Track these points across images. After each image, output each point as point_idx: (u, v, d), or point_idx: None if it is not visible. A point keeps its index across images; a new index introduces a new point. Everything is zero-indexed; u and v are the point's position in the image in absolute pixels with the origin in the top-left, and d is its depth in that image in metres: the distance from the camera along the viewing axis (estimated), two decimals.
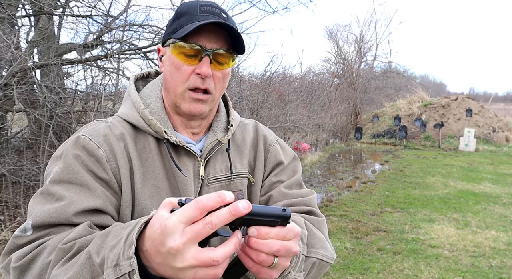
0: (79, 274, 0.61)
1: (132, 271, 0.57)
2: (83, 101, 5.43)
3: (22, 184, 4.35)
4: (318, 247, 0.84)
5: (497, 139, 13.55)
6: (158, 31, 5.56)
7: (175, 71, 0.86)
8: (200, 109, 0.88)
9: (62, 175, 0.78)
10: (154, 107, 0.92)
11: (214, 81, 0.87)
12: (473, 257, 4.15)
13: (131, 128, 0.90)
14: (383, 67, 20.58)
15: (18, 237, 0.73)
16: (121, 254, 0.58)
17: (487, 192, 7.05)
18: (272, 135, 1.08)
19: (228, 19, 0.86)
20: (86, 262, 0.62)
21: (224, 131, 0.97)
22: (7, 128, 5.11)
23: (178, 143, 0.87)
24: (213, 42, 0.84)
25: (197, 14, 0.84)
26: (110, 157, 0.83)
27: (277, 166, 1.02)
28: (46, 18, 5.33)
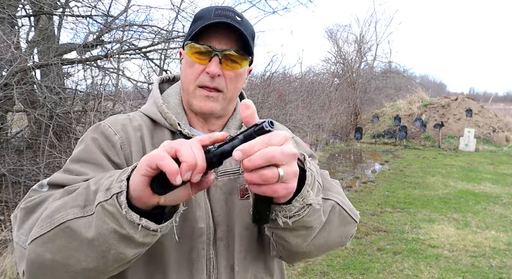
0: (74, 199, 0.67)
1: (120, 193, 0.61)
2: (83, 101, 5.44)
3: (22, 184, 4.35)
4: (335, 192, 0.84)
5: (497, 139, 13.55)
6: (158, 31, 5.56)
7: (188, 70, 0.91)
8: (210, 107, 0.91)
9: (80, 155, 0.86)
10: (172, 103, 0.97)
11: (225, 80, 0.90)
12: (473, 257, 4.15)
13: (150, 122, 0.95)
14: (383, 67, 20.60)
15: (34, 190, 0.81)
16: (115, 179, 0.63)
17: (487, 192, 7.05)
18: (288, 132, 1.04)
19: (242, 22, 0.88)
20: (83, 191, 0.68)
21: (238, 128, 0.99)
22: (7, 128, 5.11)
23: (190, 135, 0.91)
24: (223, 43, 0.87)
25: (211, 17, 0.87)
26: (125, 144, 0.89)
27: None
28: (46, 18, 5.33)
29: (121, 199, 0.60)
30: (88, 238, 0.64)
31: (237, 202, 0.92)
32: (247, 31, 0.89)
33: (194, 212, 0.88)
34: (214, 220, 0.89)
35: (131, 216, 0.60)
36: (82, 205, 0.66)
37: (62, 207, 0.67)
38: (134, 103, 5.86)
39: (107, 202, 0.62)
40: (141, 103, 6.08)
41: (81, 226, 0.64)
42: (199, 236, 0.87)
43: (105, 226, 0.62)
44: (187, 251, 0.86)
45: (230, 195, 0.92)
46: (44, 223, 0.67)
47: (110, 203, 0.61)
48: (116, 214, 0.61)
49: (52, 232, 0.66)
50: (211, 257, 0.88)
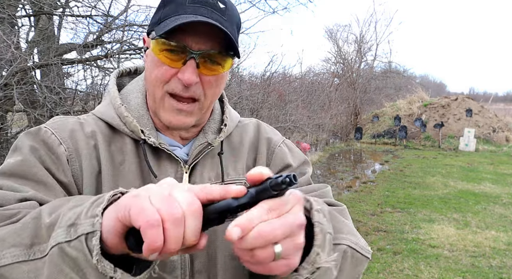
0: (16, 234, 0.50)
1: (91, 233, 0.44)
2: (83, 101, 5.44)
3: None
4: (346, 232, 0.68)
5: (497, 139, 13.55)
6: None
7: (154, 70, 0.71)
8: (183, 122, 0.73)
9: (14, 168, 0.66)
10: (134, 103, 0.78)
11: (203, 86, 0.72)
12: (473, 257, 4.15)
13: (107, 128, 0.76)
14: (383, 67, 20.62)
15: None
16: (84, 212, 0.46)
17: (487, 192, 7.05)
18: (278, 136, 0.92)
19: (227, 10, 0.70)
20: (30, 221, 0.51)
21: (217, 132, 0.83)
22: (7, 128, 5.11)
23: (157, 144, 0.73)
24: (202, 42, 0.68)
25: (186, 4, 0.68)
26: (73, 156, 0.70)
27: (284, 169, 0.87)
28: (46, 18, 5.33)
29: (92, 242, 0.44)
30: None
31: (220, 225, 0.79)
32: (232, 21, 0.71)
33: None
34: None
35: (103, 266, 0.44)
36: (28, 244, 0.49)
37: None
38: None
39: (70, 244, 0.45)
40: None
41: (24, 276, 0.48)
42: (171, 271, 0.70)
43: (60, 276, 0.46)
44: None
45: None
46: None
47: (74, 245, 0.45)
48: (81, 261, 0.45)
49: None
50: None
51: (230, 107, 0.90)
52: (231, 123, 0.85)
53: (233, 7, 0.73)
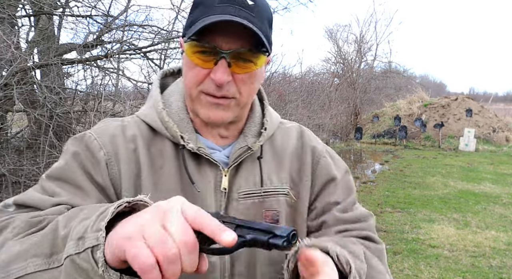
0: (36, 245, 0.54)
1: (96, 246, 0.47)
2: (83, 101, 5.44)
3: (22, 184, 4.35)
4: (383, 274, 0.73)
5: (497, 139, 13.55)
6: (158, 31, 5.56)
7: (189, 71, 0.73)
8: (221, 116, 0.74)
9: (58, 172, 0.73)
10: (174, 106, 0.80)
11: (236, 84, 0.72)
12: (473, 257, 4.15)
13: (148, 130, 0.79)
14: (383, 67, 20.61)
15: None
16: (90, 226, 0.49)
17: (487, 192, 7.05)
18: (321, 144, 0.90)
19: (256, 7, 0.69)
20: (49, 232, 0.54)
21: (257, 135, 0.82)
22: (7, 128, 5.11)
23: (195, 150, 0.75)
24: (232, 41, 0.68)
25: (214, 5, 0.68)
26: (111, 161, 0.73)
27: (329, 182, 0.86)
28: (46, 18, 5.33)
29: (97, 255, 0.47)
30: None
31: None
32: (262, 17, 0.70)
33: None
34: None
35: (109, 275, 0.47)
36: (47, 253, 0.53)
37: (22, 253, 0.54)
38: (134, 103, 5.86)
39: (79, 255, 0.49)
40: (141, 103, 6.08)
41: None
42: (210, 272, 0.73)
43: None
44: None
45: None
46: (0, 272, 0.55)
47: (82, 257, 0.48)
48: (90, 271, 0.48)
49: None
50: None
51: (270, 108, 0.89)
52: (271, 126, 0.85)
53: (263, 2, 0.72)
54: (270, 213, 0.79)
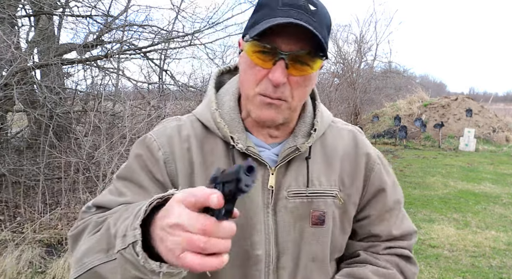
0: (97, 243, 0.65)
1: (135, 242, 0.55)
2: (83, 101, 5.44)
3: (22, 184, 4.35)
4: None
5: (497, 139, 13.55)
6: (158, 31, 5.56)
7: (248, 71, 0.75)
8: (272, 116, 0.76)
9: (124, 172, 0.82)
10: (226, 106, 0.84)
11: (291, 87, 0.74)
12: (473, 257, 4.15)
13: (202, 129, 0.84)
14: (383, 67, 20.57)
15: (84, 212, 0.80)
16: (129, 225, 0.58)
17: (487, 192, 7.05)
18: (373, 149, 0.92)
19: (317, 12, 0.71)
20: (105, 232, 0.65)
21: (306, 136, 0.84)
22: (7, 128, 5.11)
23: (244, 150, 0.78)
24: (292, 43, 0.70)
25: (277, 7, 0.70)
26: (169, 159, 0.80)
27: (380, 192, 0.89)
28: (46, 18, 5.33)
29: (136, 249, 0.56)
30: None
31: (307, 229, 0.81)
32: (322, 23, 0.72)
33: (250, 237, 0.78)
34: (279, 247, 0.80)
35: (150, 265, 0.55)
36: (105, 249, 0.64)
37: (89, 251, 0.66)
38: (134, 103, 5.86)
39: (125, 250, 0.58)
40: (141, 103, 6.09)
41: (108, 272, 0.63)
42: (255, 264, 0.78)
43: (128, 273, 0.59)
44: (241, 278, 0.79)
45: (301, 220, 0.81)
46: (77, 266, 0.67)
47: (128, 251, 0.57)
48: (135, 262, 0.56)
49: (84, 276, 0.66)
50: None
51: (323, 108, 0.91)
52: (321, 126, 0.86)
53: (324, 9, 0.75)
54: (317, 213, 0.82)
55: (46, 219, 4.07)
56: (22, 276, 3.16)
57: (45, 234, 3.85)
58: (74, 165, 4.55)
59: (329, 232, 0.84)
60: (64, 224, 4.12)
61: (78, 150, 4.29)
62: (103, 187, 4.10)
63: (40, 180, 4.27)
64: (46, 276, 3.20)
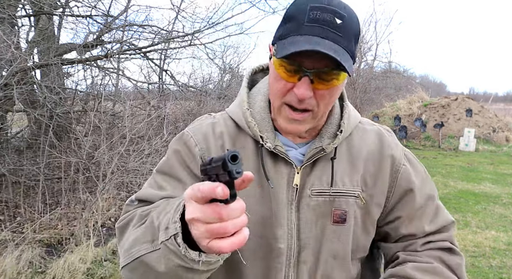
0: (143, 234, 0.71)
1: (176, 234, 0.62)
2: (83, 101, 5.44)
3: (22, 184, 4.35)
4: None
5: (497, 139, 13.55)
6: (158, 31, 5.56)
7: (275, 83, 0.79)
8: (298, 129, 0.81)
9: (163, 167, 0.88)
10: (257, 106, 0.88)
11: (316, 99, 0.77)
12: (473, 257, 4.15)
13: (234, 127, 0.89)
14: (383, 67, 20.57)
15: (128, 205, 0.86)
16: (171, 218, 0.64)
17: (487, 192, 7.05)
18: (399, 150, 0.92)
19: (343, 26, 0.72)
20: (149, 225, 0.71)
21: (332, 137, 0.86)
22: (7, 128, 5.11)
23: (272, 149, 0.82)
24: (316, 61, 0.72)
25: (304, 24, 0.71)
26: (205, 155, 0.85)
27: (408, 192, 0.89)
28: (46, 18, 5.33)
29: (178, 240, 0.62)
30: (160, 271, 0.68)
31: (329, 226, 0.84)
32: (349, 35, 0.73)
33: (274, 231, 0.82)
34: (300, 242, 0.83)
35: (190, 254, 0.61)
36: (150, 240, 0.69)
37: (137, 241, 0.72)
38: (134, 103, 5.86)
39: (168, 241, 0.64)
40: (141, 103, 6.09)
41: (153, 261, 0.68)
42: (277, 257, 0.82)
43: (171, 262, 0.65)
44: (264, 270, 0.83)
45: (322, 217, 0.84)
46: (126, 255, 0.73)
47: (170, 242, 0.63)
48: (177, 252, 0.63)
49: (132, 264, 0.72)
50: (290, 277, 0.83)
51: (351, 108, 0.93)
52: (348, 127, 0.88)
53: (352, 19, 0.74)
54: (339, 212, 0.84)
55: (46, 219, 4.07)
56: (22, 276, 3.16)
57: (45, 234, 3.85)
58: (74, 165, 4.55)
59: (350, 231, 0.86)
60: (64, 224, 4.12)
61: (78, 150, 4.29)
62: (103, 187, 4.10)
63: (40, 180, 4.27)
64: (46, 276, 3.20)
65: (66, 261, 3.32)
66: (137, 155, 4.57)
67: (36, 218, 4.08)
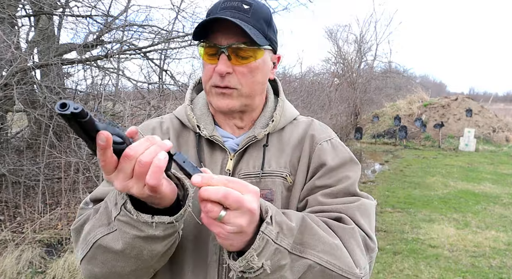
0: (99, 220, 0.74)
1: (125, 202, 0.66)
2: (83, 101, 5.44)
3: (22, 184, 4.35)
4: (319, 250, 0.72)
5: (497, 139, 13.55)
6: (158, 31, 5.56)
7: (204, 71, 0.89)
8: (227, 104, 0.87)
9: None
10: (199, 104, 0.97)
11: (237, 77, 0.85)
12: (473, 257, 4.15)
13: (179, 124, 0.97)
14: (383, 67, 20.58)
15: (82, 208, 0.88)
16: (118, 193, 0.68)
17: (487, 192, 7.05)
18: (324, 134, 0.96)
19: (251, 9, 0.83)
20: (103, 210, 0.74)
21: (264, 127, 0.93)
22: (7, 128, 5.11)
23: (208, 136, 0.90)
24: (229, 37, 0.82)
25: (217, 12, 0.83)
26: None
27: (320, 167, 0.90)
28: (46, 18, 5.33)
29: (128, 207, 0.65)
30: (119, 249, 0.70)
31: None
32: (257, 17, 0.84)
33: None
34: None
35: (142, 217, 0.65)
36: (106, 223, 0.72)
37: (92, 228, 0.75)
38: (134, 103, 5.86)
39: (120, 214, 0.67)
40: (141, 103, 6.09)
41: (110, 241, 0.71)
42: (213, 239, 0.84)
43: (127, 235, 0.67)
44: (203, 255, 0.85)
45: None
46: (83, 245, 0.76)
47: (122, 214, 0.66)
48: (130, 221, 0.66)
49: (90, 252, 0.74)
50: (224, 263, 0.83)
51: (288, 105, 1.00)
52: (281, 119, 0.95)
53: (260, 6, 0.86)
54: (265, 192, 0.88)
55: (46, 219, 4.07)
56: (22, 276, 3.16)
57: (45, 234, 3.85)
58: (74, 165, 4.55)
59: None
60: (64, 224, 4.12)
61: (78, 150, 4.28)
62: None
63: (40, 180, 4.28)
64: (46, 276, 3.20)
65: (66, 261, 3.32)
66: None
67: (36, 218, 4.08)
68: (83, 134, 0.54)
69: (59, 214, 4.20)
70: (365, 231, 0.85)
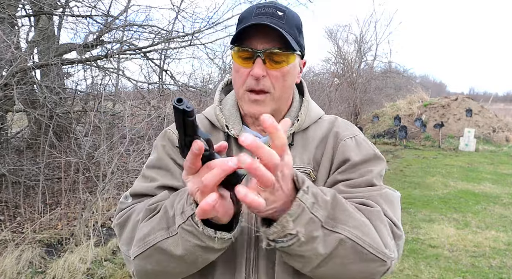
0: (158, 224, 0.78)
1: (193, 214, 0.69)
2: (83, 101, 5.44)
3: (22, 184, 4.35)
4: (350, 226, 0.73)
5: (497, 139, 13.55)
6: (158, 31, 5.57)
7: (236, 75, 0.91)
8: (259, 110, 0.90)
9: (152, 161, 0.98)
10: (228, 104, 1.01)
11: (271, 80, 0.88)
12: (473, 257, 4.15)
13: (209, 125, 1.00)
14: (383, 67, 20.58)
15: (121, 203, 0.93)
16: (185, 202, 0.72)
17: (487, 192, 7.05)
18: (348, 131, 0.98)
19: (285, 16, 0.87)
20: (163, 215, 0.78)
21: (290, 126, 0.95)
22: (7, 128, 5.11)
23: (236, 135, 0.94)
24: (265, 42, 0.86)
25: (251, 18, 0.87)
26: None
27: (343, 162, 0.92)
28: (46, 18, 5.33)
29: (195, 219, 0.69)
30: (178, 254, 0.75)
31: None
32: (290, 24, 0.88)
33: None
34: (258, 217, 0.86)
35: (207, 231, 0.69)
36: (166, 227, 0.76)
37: (151, 230, 0.78)
38: (134, 103, 5.86)
39: (185, 223, 0.71)
40: (141, 103, 6.09)
41: (170, 245, 0.75)
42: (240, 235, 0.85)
43: (188, 243, 0.72)
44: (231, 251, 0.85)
45: None
46: (140, 244, 0.79)
47: (187, 224, 0.70)
48: (195, 232, 0.70)
49: (148, 251, 0.78)
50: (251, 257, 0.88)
51: (313, 105, 1.03)
52: (306, 118, 0.99)
53: (292, 14, 0.91)
54: None
55: (46, 219, 4.07)
56: (22, 276, 3.16)
57: (45, 234, 3.85)
58: (74, 165, 4.55)
59: None
60: (64, 224, 4.12)
61: (78, 150, 4.28)
62: (103, 187, 4.10)
63: (40, 180, 4.28)
64: (46, 276, 3.20)
65: (66, 261, 3.32)
66: (137, 155, 4.57)
67: (36, 218, 4.08)
68: (182, 128, 0.61)
69: (59, 214, 4.20)
70: (390, 217, 0.88)
